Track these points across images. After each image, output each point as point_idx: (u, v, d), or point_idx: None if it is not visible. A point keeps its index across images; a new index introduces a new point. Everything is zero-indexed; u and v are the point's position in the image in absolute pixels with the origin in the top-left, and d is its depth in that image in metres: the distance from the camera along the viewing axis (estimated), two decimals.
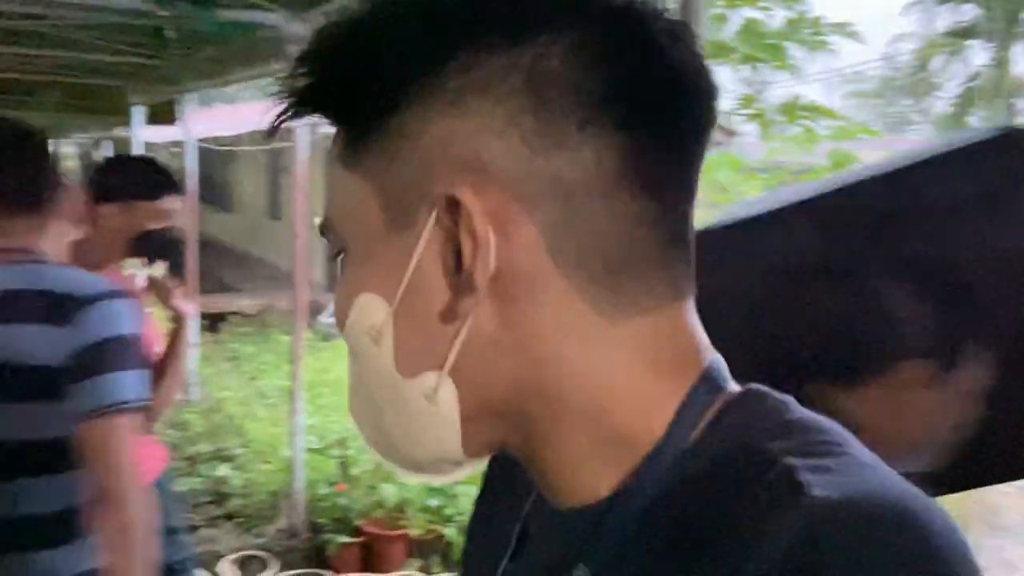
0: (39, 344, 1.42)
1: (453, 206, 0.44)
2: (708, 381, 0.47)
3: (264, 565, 3.63)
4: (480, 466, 0.53)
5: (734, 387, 0.48)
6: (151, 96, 6.45)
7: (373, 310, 0.48)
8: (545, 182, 0.44)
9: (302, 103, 0.48)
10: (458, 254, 0.45)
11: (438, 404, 0.47)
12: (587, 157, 0.44)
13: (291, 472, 3.95)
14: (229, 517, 4.12)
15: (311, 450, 4.15)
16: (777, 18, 3.97)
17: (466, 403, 0.47)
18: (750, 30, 3.73)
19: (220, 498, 4.31)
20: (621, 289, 0.46)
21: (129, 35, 4.68)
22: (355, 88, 0.47)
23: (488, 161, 0.44)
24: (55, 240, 1.58)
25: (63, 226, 1.60)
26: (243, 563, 3.64)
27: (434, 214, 0.45)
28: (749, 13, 3.77)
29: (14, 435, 1.44)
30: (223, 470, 4.55)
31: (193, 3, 3.26)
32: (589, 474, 0.47)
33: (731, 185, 4.74)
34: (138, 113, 6.70)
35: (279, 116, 0.49)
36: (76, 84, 6.59)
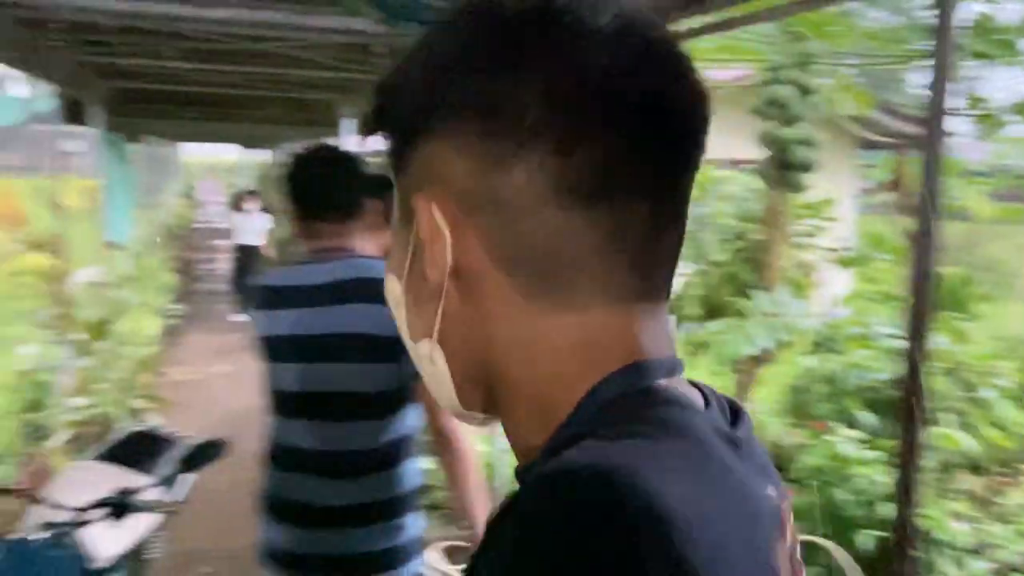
0: (385, 319, 1.83)
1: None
2: (624, 375, 0.52)
3: (468, 554, 3.77)
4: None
5: (653, 383, 0.53)
6: (360, 108, 6.85)
7: (393, 287, 0.60)
8: (485, 195, 0.53)
9: (371, 125, 0.60)
10: None
11: (435, 365, 0.58)
12: (519, 176, 0.52)
13: (492, 468, 4.09)
14: (434, 507, 4.32)
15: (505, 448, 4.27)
16: (1008, 12, 3.70)
17: (452, 367, 0.57)
18: (982, 26, 3.51)
19: (425, 488, 4.51)
20: (549, 288, 0.53)
21: (342, 52, 5.02)
22: (389, 119, 0.58)
23: (448, 176, 0.54)
24: (363, 240, 2.01)
25: (368, 229, 2.04)
26: (449, 552, 3.81)
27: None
28: (978, 8, 3.53)
29: (356, 388, 1.90)
30: (427, 462, 4.77)
31: (421, 23, 3.45)
32: (527, 442, 0.55)
33: (947, 189, 4.45)
34: (346, 124, 7.13)
35: (363, 130, 0.62)
36: (291, 98, 7.13)
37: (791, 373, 4.91)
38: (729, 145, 6.86)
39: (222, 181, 22.38)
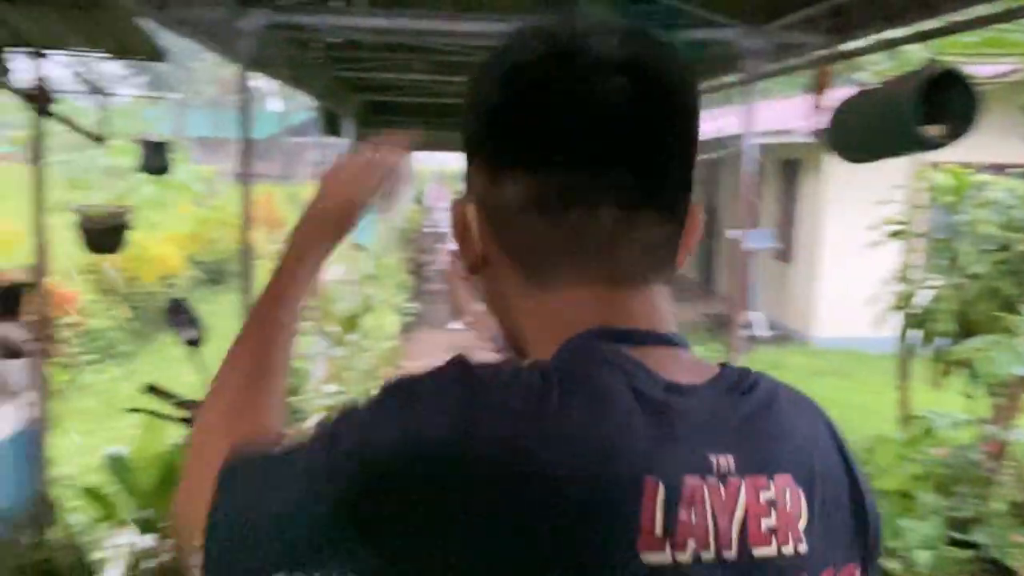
0: None
1: None
2: (581, 338, 0.65)
3: None
4: None
5: (592, 345, 0.64)
6: None
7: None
8: (493, 203, 0.69)
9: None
10: None
11: (492, 322, 0.76)
12: (508, 189, 0.67)
13: None
14: None
15: None
16: None
17: (497, 324, 0.74)
18: None
19: None
20: (535, 272, 0.68)
21: None
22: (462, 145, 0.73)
23: (476, 188, 0.71)
24: None
25: None
26: None
27: None
28: None
29: None
30: None
31: (662, 27, 3.46)
32: None
33: None
34: None
35: None
36: None
37: None
38: (990, 147, 6.30)
39: (448, 187, 23.56)
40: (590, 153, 0.65)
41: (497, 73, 0.68)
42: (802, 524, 0.62)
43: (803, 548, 0.62)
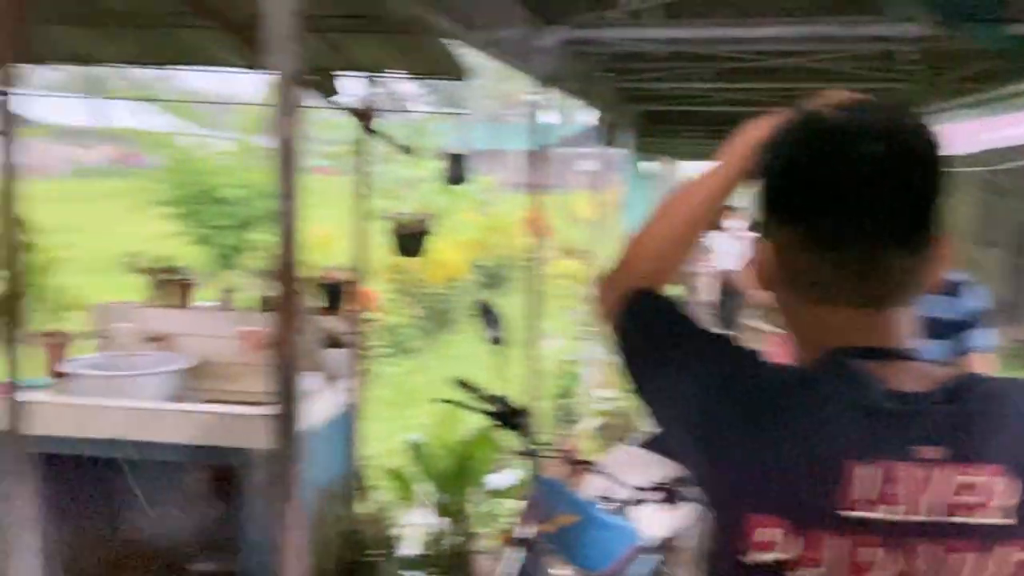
0: (944, 307, 2.56)
1: None
2: (823, 355, 0.86)
3: None
4: None
5: (838, 360, 0.86)
6: None
7: None
8: (775, 242, 0.91)
9: None
10: None
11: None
12: (785, 233, 0.90)
13: None
14: None
15: None
16: None
17: (787, 328, 0.93)
18: None
19: None
20: (804, 295, 0.89)
21: (862, 62, 4.79)
22: None
23: (766, 230, 0.93)
24: None
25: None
26: None
27: None
28: None
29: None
30: None
31: (978, 22, 3.17)
32: None
33: None
34: None
35: None
36: None
37: None
38: None
39: None
40: (847, 208, 0.84)
41: (779, 145, 0.90)
42: (1008, 503, 0.78)
43: (1007, 522, 0.78)
